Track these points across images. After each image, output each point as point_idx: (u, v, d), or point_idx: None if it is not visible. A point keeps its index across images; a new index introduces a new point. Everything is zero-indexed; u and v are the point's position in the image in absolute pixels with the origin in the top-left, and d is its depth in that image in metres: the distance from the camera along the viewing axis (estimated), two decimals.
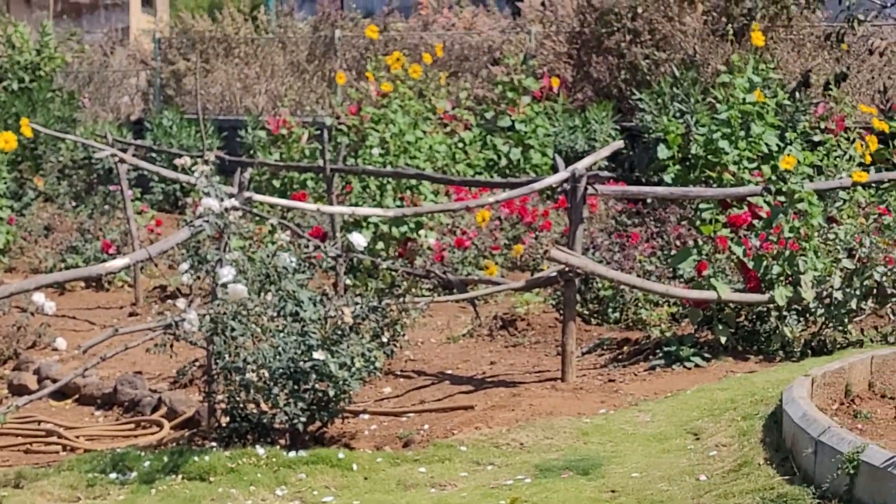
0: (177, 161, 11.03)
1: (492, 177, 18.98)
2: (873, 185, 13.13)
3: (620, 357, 11.94)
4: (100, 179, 22.21)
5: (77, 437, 10.56)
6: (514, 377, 11.47)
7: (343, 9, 30.51)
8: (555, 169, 12.95)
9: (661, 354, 11.59)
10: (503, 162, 19.66)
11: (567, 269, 11.30)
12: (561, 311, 11.66)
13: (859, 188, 12.55)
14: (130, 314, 15.22)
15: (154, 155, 21.87)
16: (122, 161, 16.56)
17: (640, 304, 12.89)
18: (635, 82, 22.44)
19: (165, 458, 9.36)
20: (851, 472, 7.53)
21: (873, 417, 8.92)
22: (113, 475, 9.19)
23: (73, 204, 21.92)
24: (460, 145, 18.72)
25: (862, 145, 14.37)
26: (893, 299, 11.42)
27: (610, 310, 13.10)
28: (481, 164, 19.13)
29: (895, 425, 8.80)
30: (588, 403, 10.43)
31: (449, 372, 11.80)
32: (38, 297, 11.12)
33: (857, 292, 11.26)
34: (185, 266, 10.04)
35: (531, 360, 12.15)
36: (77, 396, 11.93)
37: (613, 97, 22.65)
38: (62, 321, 14.44)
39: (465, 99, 20.29)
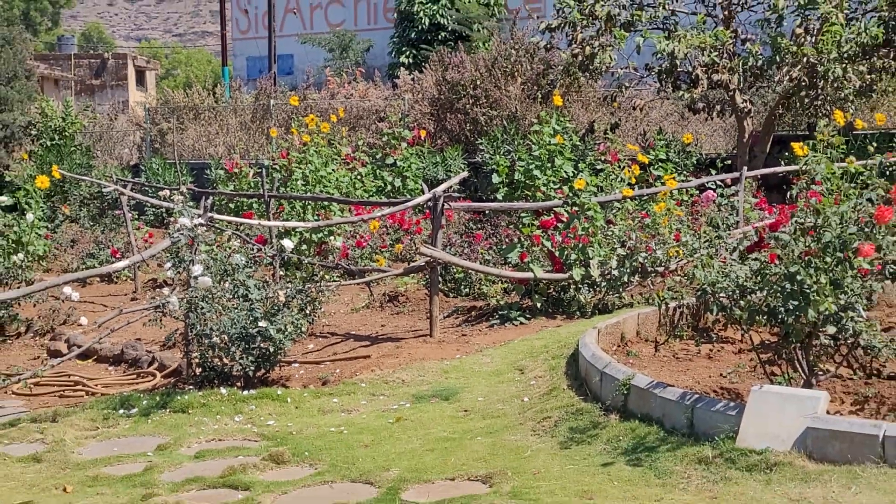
0: (160, 192, 10.95)
1: (380, 198, 18.94)
2: (637, 198, 13.28)
3: (470, 319, 11.98)
4: (109, 206, 21.92)
5: (96, 385, 10.43)
6: (397, 335, 11.46)
7: (276, 84, 30.33)
8: (423, 192, 12.98)
9: (497, 316, 11.64)
10: (389, 188, 19.61)
11: (432, 260, 11.33)
12: (428, 289, 11.68)
13: (628, 200, 12.68)
14: (132, 299, 15.02)
15: (147, 188, 21.61)
16: (123, 193, 16.39)
17: (482, 283, 12.92)
18: (477, 132, 22.53)
19: (158, 398, 9.34)
20: (625, 392, 7.64)
21: (640, 355, 9.03)
22: (121, 411, 9.14)
23: (91, 224, 21.64)
24: (358, 177, 18.64)
25: (629, 172, 14.53)
26: (652, 275, 11.57)
27: (462, 287, 13.13)
28: (373, 190, 19.04)
29: (654, 360, 8.92)
30: (448, 351, 10.47)
31: (353, 333, 11.77)
32: (67, 289, 10.98)
33: (628, 270, 11.39)
34: (168, 265, 10.02)
35: (409, 322, 12.16)
36: (95, 357, 11.77)
37: (462, 142, 22.72)
38: (84, 305, 14.23)
39: (361, 145, 20.23)
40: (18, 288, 13.60)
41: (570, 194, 12.35)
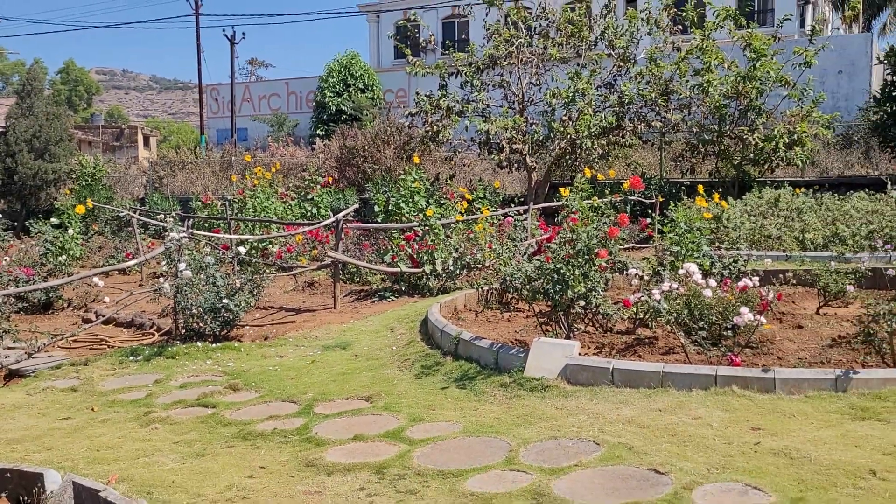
0: (158, 216, 10.63)
1: (303, 221, 18.65)
2: (465, 221, 13.39)
3: (360, 297, 11.89)
4: (124, 224, 21.06)
5: (115, 341, 10.08)
6: (313, 308, 11.34)
7: (235, 147, 29.72)
8: (330, 217, 12.86)
9: (377, 296, 11.57)
10: (309, 214, 19.30)
11: (335, 260, 11.24)
12: (333, 278, 11.57)
13: (460, 223, 12.78)
14: (139, 285, 14.50)
15: (150, 213, 20.85)
16: (133, 216, 15.87)
17: (368, 275, 12.85)
18: (365, 179, 22.39)
19: (156, 349, 9.06)
20: (456, 343, 7.67)
21: (465, 319, 9.07)
22: (131, 358, 8.85)
23: (112, 236, 20.76)
24: (289, 207, 18.28)
25: (461, 205, 14.64)
26: (474, 269, 11.65)
27: (355, 277, 13.02)
28: (298, 215, 18.70)
29: (475, 322, 8.96)
30: (346, 318, 10.39)
31: (284, 306, 11.59)
32: (95, 279, 10.61)
33: (459, 266, 11.45)
34: (163, 263, 9.75)
35: (321, 300, 12.02)
36: (114, 323, 11.33)
37: (356, 185, 22.55)
38: (107, 289, 13.69)
39: (291, 187, 19.85)
40: (63, 278, 13.07)
41: (424, 219, 12.40)
